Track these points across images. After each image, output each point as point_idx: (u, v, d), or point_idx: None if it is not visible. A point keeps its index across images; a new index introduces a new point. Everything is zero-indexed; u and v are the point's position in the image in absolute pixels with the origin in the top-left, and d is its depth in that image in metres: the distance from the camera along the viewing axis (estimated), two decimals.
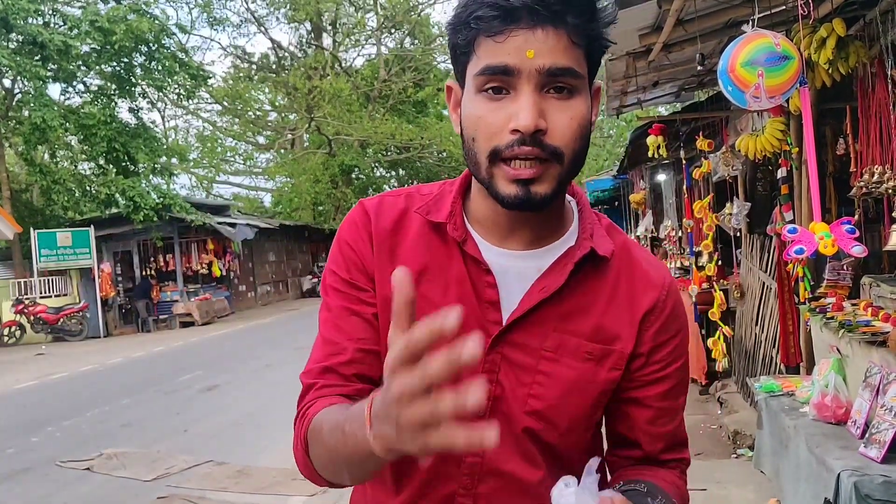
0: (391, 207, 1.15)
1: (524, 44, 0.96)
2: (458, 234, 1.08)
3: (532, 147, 0.97)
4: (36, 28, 19.34)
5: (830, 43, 3.66)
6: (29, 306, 18.41)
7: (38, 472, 6.33)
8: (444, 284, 1.08)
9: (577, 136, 1.00)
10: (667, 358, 1.12)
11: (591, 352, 1.07)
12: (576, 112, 0.99)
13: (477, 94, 1.00)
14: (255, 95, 36.01)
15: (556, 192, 1.01)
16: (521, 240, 1.09)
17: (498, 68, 0.97)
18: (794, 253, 3.64)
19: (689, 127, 7.72)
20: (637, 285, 1.12)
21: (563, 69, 0.97)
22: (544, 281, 1.07)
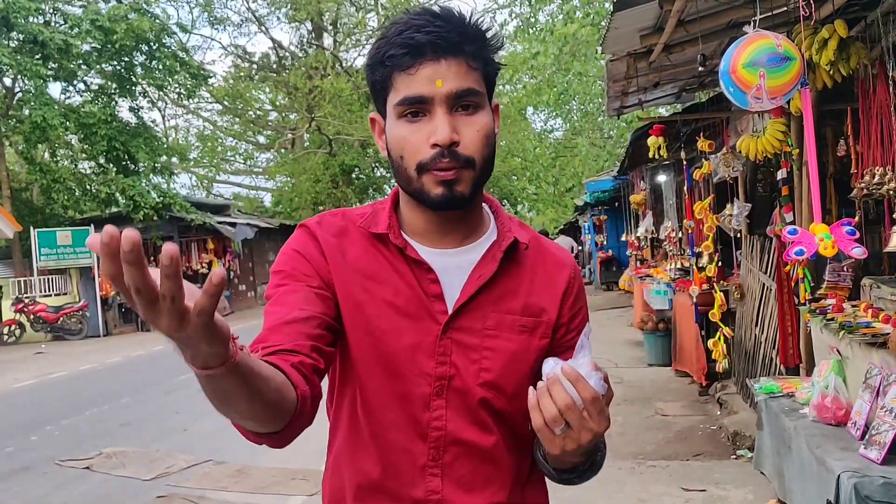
0: (331, 223, 1.31)
1: (433, 74, 1.15)
2: (399, 241, 1.25)
3: (449, 159, 1.16)
4: (36, 27, 19.33)
5: (832, 44, 3.66)
6: (29, 305, 18.40)
7: (37, 471, 6.33)
8: (394, 286, 1.24)
9: (483, 144, 1.19)
10: (580, 325, 1.32)
11: (525, 325, 1.27)
12: (481, 125, 1.19)
13: (398, 120, 1.19)
14: (256, 95, 35.99)
15: (473, 192, 1.20)
16: (451, 240, 1.27)
17: (414, 98, 1.16)
18: (794, 254, 3.64)
19: (689, 128, 7.72)
20: (550, 268, 1.33)
21: (466, 90, 1.17)
22: (479, 270, 1.26)
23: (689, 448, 5.81)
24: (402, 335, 1.22)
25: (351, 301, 1.23)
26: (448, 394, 1.23)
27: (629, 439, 6.12)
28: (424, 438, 1.23)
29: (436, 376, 1.22)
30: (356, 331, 1.23)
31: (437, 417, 1.23)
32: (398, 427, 1.23)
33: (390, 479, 1.24)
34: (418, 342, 1.22)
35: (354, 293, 1.23)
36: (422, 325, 1.23)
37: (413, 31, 1.16)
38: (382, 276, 1.25)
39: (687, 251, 9.19)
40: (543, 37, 17.36)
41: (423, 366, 1.22)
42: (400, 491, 1.24)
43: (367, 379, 1.23)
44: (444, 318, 1.23)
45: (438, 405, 1.23)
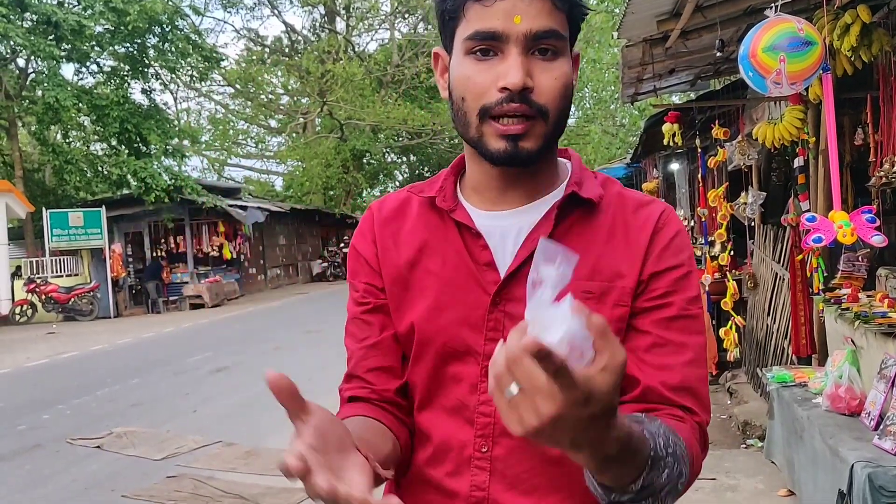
0: (393, 199, 1.23)
1: (511, 9, 1.01)
2: (446, 204, 1.13)
3: (520, 104, 1.01)
4: (50, 7, 19.36)
5: (855, 29, 3.60)
6: (40, 285, 18.52)
7: (48, 449, 6.38)
8: (442, 255, 1.13)
9: (561, 94, 1.05)
10: (669, 286, 1.08)
11: (590, 290, 1.06)
12: (560, 72, 1.04)
13: (465, 57, 1.05)
14: (268, 79, 35.96)
15: (543, 148, 1.05)
16: (512, 200, 1.12)
17: (487, 33, 1.02)
18: (812, 241, 3.60)
19: (704, 115, 7.66)
20: (633, 223, 1.12)
21: (547, 32, 1.02)
22: (536, 232, 1.09)
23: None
24: (449, 309, 1.10)
25: (399, 283, 1.15)
26: None
27: None
28: (471, 424, 1.09)
29: (484, 354, 1.07)
30: (402, 309, 1.14)
31: (486, 402, 1.07)
32: (445, 411, 1.11)
33: (432, 468, 1.12)
34: (465, 315, 1.09)
35: (401, 273, 1.15)
36: (470, 297, 1.09)
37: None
38: (432, 245, 1.14)
39: (700, 239, 9.15)
40: None
41: (470, 342, 1.08)
42: (441, 480, 1.11)
43: (415, 361, 1.13)
44: (494, 287, 1.08)
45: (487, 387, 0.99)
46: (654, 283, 1.08)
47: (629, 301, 1.07)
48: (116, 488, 5.28)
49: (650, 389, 1.04)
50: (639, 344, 1.06)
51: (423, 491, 1.12)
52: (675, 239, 1.11)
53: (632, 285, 1.08)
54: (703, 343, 1.10)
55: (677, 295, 1.08)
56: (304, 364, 9.64)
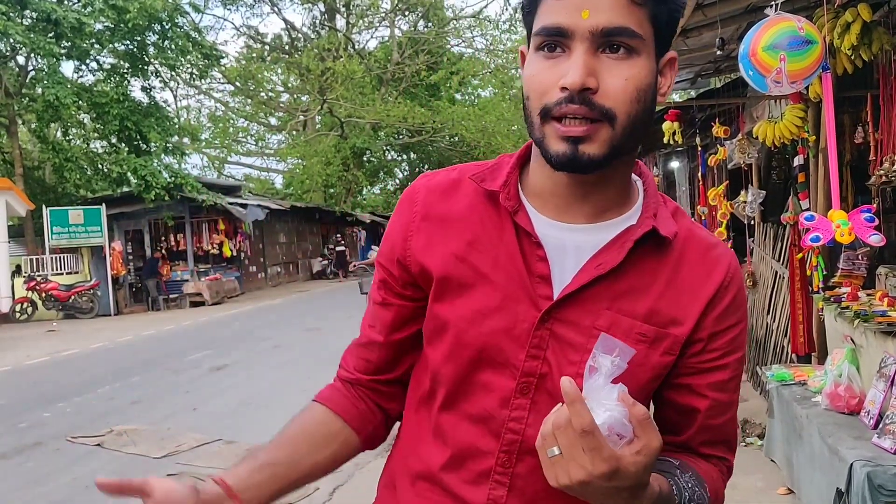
0: (444, 178, 1.14)
1: (581, 3, 0.94)
2: (510, 203, 1.05)
3: (580, 105, 0.94)
4: (50, 5, 19.33)
5: (855, 28, 3.60)
6: (41, 283, 18.52)
7: (48, 447, 6.38)
8: (494, 256, 1.05)
9: (631, 98, 0.96)
10: (726, 346, 1.06)
11: (645, 333, 1.02)
12: (632, 73, 0.96)
13: (535, 53, 0.99)
14: (268, 76, 35.96)
15: (608, 155, 0.97)
16: (579, 213, 1.05)
17: (553, 29, 0.96)
18: (810, 240, 3.61)
19: (704, 114, 7.66)
20: (700, 270, 1.06)
21: (617, 28, 0.94)
22: (601, 257, 1.02)
23: None
24: (494, 315, 1.03)
25: (440, 272, 1.07)
26: (535, 394, 1.03)
27: None
28: (497, 437, 1.04)
29: (523, 370, 1.02)
30: (440, 305, 1.08)
31: (516, 418, 1.03)
32: (471, 419, 1.06)
33: (450, 474, 1.07)
34: (510, 327, 1.02)
35: (445, 262, 1.07)
36: (519, 308, 1.03)
37: None
38: (485, 242, 1.06)
39: None
40: None
41: (510, 355, 1.03)
42: (458, 490, 1.07)
43: (445, 359, 1.07)
44: (546, 304, 1.02)
45: (520, 404, 1.03)
46: (714, 343, 1.06)
47: (678, 350, 1.05)
48: None
49: (688, 447, 1.10)
50: (694, 404, 1.08)
51: (435, 493, 1.09)
52: (738, 296, 1.08)
53: (685, 335, 1.04)
54: (738, 396, 1.12)
55: (732, 356, 1.07)
56: (303, 361, 9.65)
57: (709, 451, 1.10)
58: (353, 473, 5.44)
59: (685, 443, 1.10)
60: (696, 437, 1.09)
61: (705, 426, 1.08)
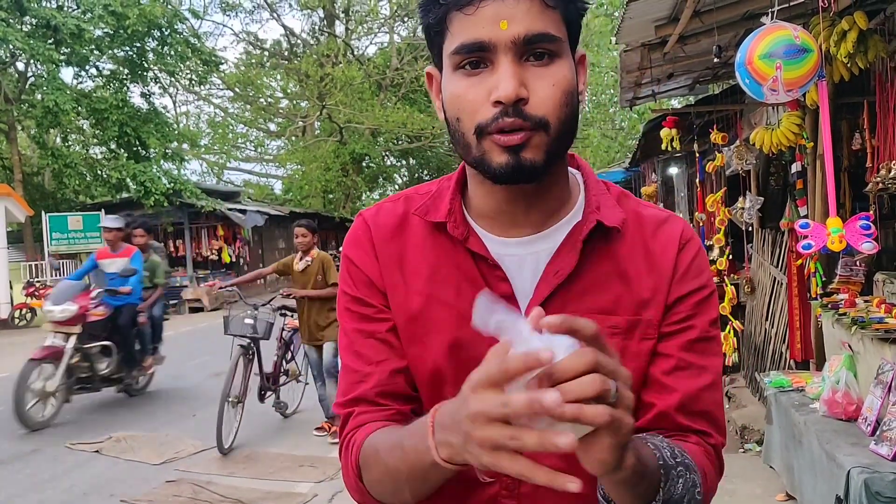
0: (390, 214, 1.11)
1: (496, 14, 0.92)
2: (458, 232, 1.04)
3: (515, 118, 0.93)
4: (49, 11, 19.37)
5: (851, 36, 3.62)
6: (40, 289, 18.49)
7: (47, 454, 6.37)
8: (455, 286, 1.04)
9: (560, 102, 0.95)
10: (691, 309, 1.04)
11: (616, 325, 1.01)
12: (558, 77, 0.95)
13: (454, 73, 0.97)
14: (267, 82, 35.99)
15: (548, 161, 0.96)
16: (526, 225, 1.04)
17: (473, 45, 0.93)
18: (801, 248, 3.62)
19: (702, 120, 7.68)
20: (654, 246, 1.05)
21: (538, 35, 0.93)
22: (556, 264, 1.01)
23: None
24: (469, 345, 1.00)
25: (407, 314, 1.06)
26: None
27: None
28: None
29: None
30: (415, 345, 1.06)
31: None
32: None
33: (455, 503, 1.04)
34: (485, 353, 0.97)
35: (411, 303, 1.06)
36: None
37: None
38: (443, 274, 1.05)
39: None
40: None
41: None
42: None
43: (431, 394, 1.05)
44: None
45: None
46: (678, 307, 1.04)
47: (656, 332, 1.03)
48: (115, 493, 5.28)
49: (664, 415, 1.03)
50: (661, 366, 1.04)
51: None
52: (696, 259, 1.06)
53: (658, 316, 1.03)
54: (720, 365, 1.08)
55: (699, 318, 1.05)
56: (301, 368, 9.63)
57: (686, 423, 1.03)
58: None
59: (658, 414, 1.03)
60: (668, 400, 1.02)
61: (672, 387, 1.02)
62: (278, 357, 7.03)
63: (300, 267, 6.79)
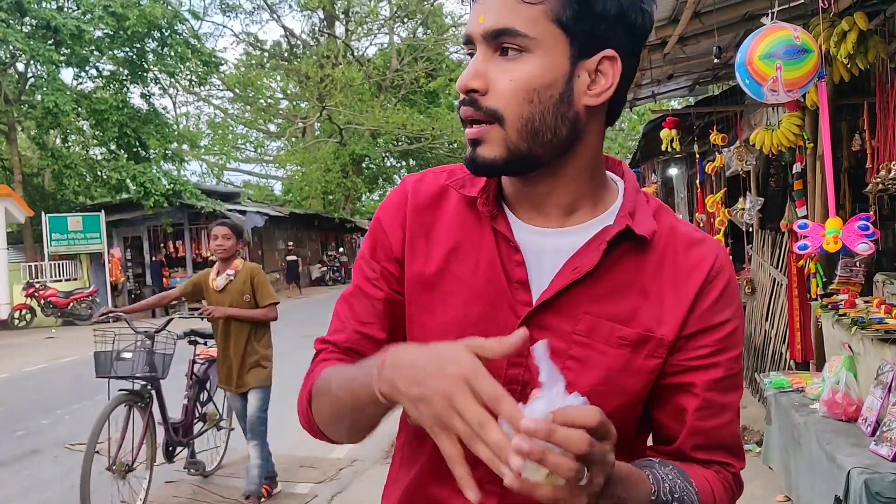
0: (431, 184, 1.12)
1: (479, 9, 0.96)
2: (488, 209, 1.04)
3: (468, 107, 0.96)
4: (49, 12, 19.38)
5: (851, 37, 3.62)
6: (39, 290, 18.50)
7: (46, 455, 6.37)
8: (474, 263, 1.04)
9: (519, 98, 0.94)
10: (717, 344, 1.01)
11: (626, 337, 0.99)
12: (517, 73, 0.94)
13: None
14: (267, 83, 36.02)
15: (506, 158, 0.96)
16: (548, 216, 1.03)
17: (465, 38, 0.99)
18: (798, 248, 3.63)
19: (702, 121, 7.68)
20: (684, 266, 1.03)
21: (500, 30, 0.94)
22: (577, 260, 1.00)
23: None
24: (474, 325, 1.00)
25: (423, 284, 1.06)
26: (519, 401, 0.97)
27: None
28: None
29: (505, 379, 0.99)
30: (423, 313, 1.07)
31: None
32: None
33: (438, 487, 1.05)
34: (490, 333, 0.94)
35: (427, 272, 1.06)
36: (498, 315, 1.01)
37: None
38: (466, 248, 1.05)
39: None
40: None
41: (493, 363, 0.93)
42: (447, 500, 1.04)
43: None
44: (525, 310, 1.00)
45: None
46: (703, 340, 1.01)
47: (665, 354, 1.01)
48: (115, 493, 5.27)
49: (681, 450, 1.04)
50: (685, 403, 1.02)
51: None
52: (726, 290, 1.03)
53: (671, 338, 1.01)
54: (740, 397, 1.07)
55: (725, 354, 1.02)
56: (300, 368, 9.61)
57: (705, 457, 1.05)
58: (351, 481, 5.44)
59: (678, 449, 1.04)
60: (688, 440, 1.03)
61: (697, 428, 1.03)
62: (189, 399, 5.51)
63: (219, 284, 5.08)
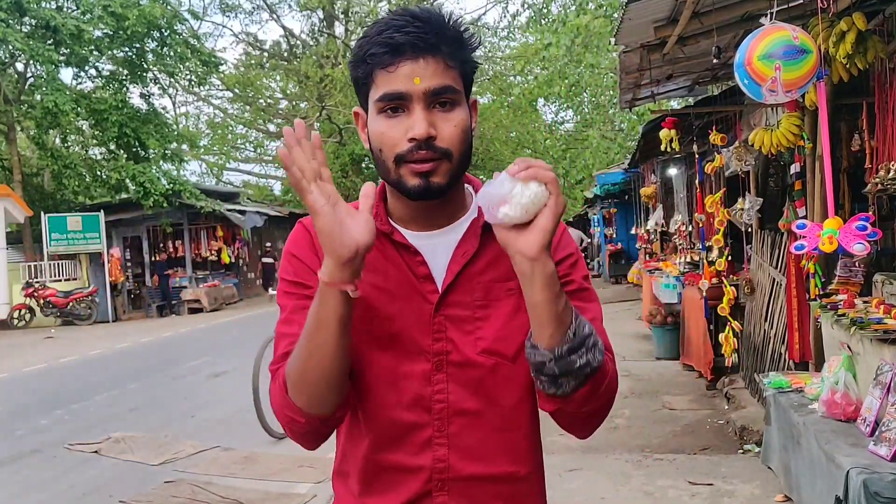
0: None
1: (411, 72, 1.21)
2: (385, 227, 1.32)
3: (427, 151, 1.22)
4: (49, 12, 19.37)
5: (850, 37, 3.62)
6: (39, 290, 18.50)
7: (46, 455, 6.37)
8: (385, 271, 1.31)
9: (460, 139, 1.25)
10: (569, 268, 1.35)
11: (511, 287, 1.29)
12: (458, 120, 1.25)
13: (378, 115, 1.25)
14: (267, 83, 35.96)
15: (449, 182, 1.26)
16: (434, 224, 1.33)
17: (393, 95, 1.22)
18: (794, 248, 3.63)
19: (702, 121, 7.68)
20: None
21: (443, 88, 1.23)
22: (462, 248, 1.32)
23: (696, 442, 5.81)
24: (398, 317, 1.29)
25: None
26: (448, 368, 1.29)
27: (636, 432, 6.11)
28: (429, 412, 1.29)
29: (433, 352, 1.29)
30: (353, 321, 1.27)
31: (439, 391, 1.29)
32: (402, 405, 1.29)
33: (395, 454, 1.30)
34: (413, 322, 1.29)
35: None
36: (415, 306, 1.30)
37: (393, 31, 1.22)
38: (373, 263, 1.28)
39: (697, 245, 9.16)
40: (555, 28, 17.31)
41: (420, 344, 1.29)
42: (406, 462, 1.30)
43: (365, 364, 1.29)
44: (434, 296, 1.30)
45: (439, 379, 1.29)
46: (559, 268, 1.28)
47: None
48: (114, 494, 5.28)
49: None
50: None
51: (385, 473, 1.31)
52: (563, 235, 1.38)
53: None
54: (599, 306, 1.37)
55: (576, 272, 1.36)
56: None
57: None
58: None
59: None
60: None
61: None
62: None
63: None
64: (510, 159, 27.30)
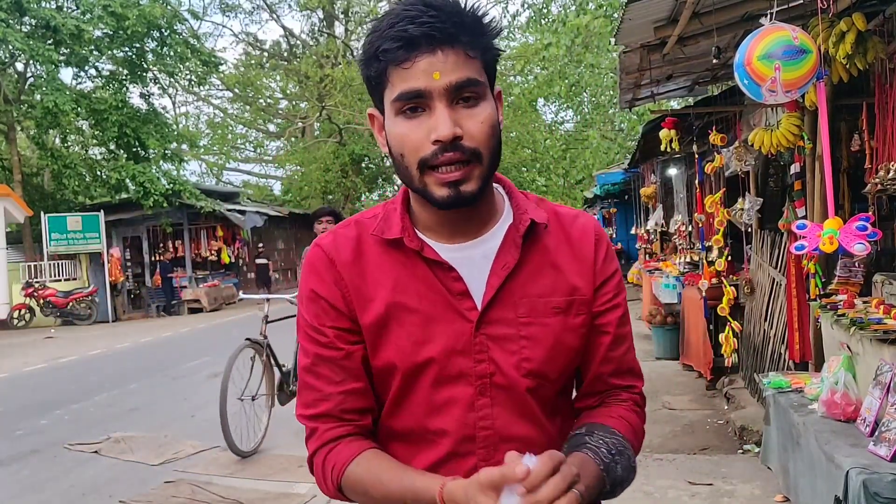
0: (346, 238, 1.26)
1: (429, 67, 1.10)
2: (414, 244, 1.20)
3: (454, 153, 1.11)
4: (49, 12, 19.37)
5: (850, 37, 3.62)
6: (39, 290, 18.50)
7: (45, 455, 6.37)
8: (417, 291, 1.20)
9: (489, 135, 1.14)
10: (615, 288, 1.28)
11: (557, 305, 1.22)
12: (484, 116, 1.14)
13: (397, 117, 1.14)
14: (267, 83, 35.97)
15: (483, 187, 1.15)
16: (467, 233, 1.22)
17: (411, 93, 1.11)
18: (794, 248, 3.62)
19: (702, 121, 7.67)
20: (575, 238, 1.27)
21: (465, 81, 1.11)
22: (502, 259, 1.21)
23: (696, 442, 5.80)
24: (435, 340, 1.18)
25: (376, 323, 1.21)
26: (491, 391, 1.19)
27: None
28: (473, 441, 1.20)
29: (476, 375, 1.19)
30: (386, 350, 1.21)
31: (483, 417, 1.19)
32: (445, 433, 1.20)
33: None
34: (452, 344, 1.18)
35: (378, 312, 1.20)
36: (453, 327, 1.19)
37: (406, 23, 1.10)
38: (403, 283, 1.20)
39: (696, 245, 9.15)
40: (556, 28, 17.31)
41: (461, 367, 1.18)
42: None
43: (406, 392, 1.21)
44: (474, 314, 1.19)
45: (483, 404, 1.19)
46: (606, 287, 1.28)
47: (587, 309, 1.25)
48: (114, 494, 5.28)
49: (598, 378, 1.30)
50: (603, 341, 1.28)
51: None
52: (609, 248, 1.30)
53: (588, 296, 1.26)
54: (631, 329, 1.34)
55: (621, 296, 1.30)
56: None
57: (618, 381, 1.31)
58: None
59: (597, 377, 1.30)
60: (603, 368, 1.29)
61: (609, 357, 1.28)
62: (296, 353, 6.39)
63: None
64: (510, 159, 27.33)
